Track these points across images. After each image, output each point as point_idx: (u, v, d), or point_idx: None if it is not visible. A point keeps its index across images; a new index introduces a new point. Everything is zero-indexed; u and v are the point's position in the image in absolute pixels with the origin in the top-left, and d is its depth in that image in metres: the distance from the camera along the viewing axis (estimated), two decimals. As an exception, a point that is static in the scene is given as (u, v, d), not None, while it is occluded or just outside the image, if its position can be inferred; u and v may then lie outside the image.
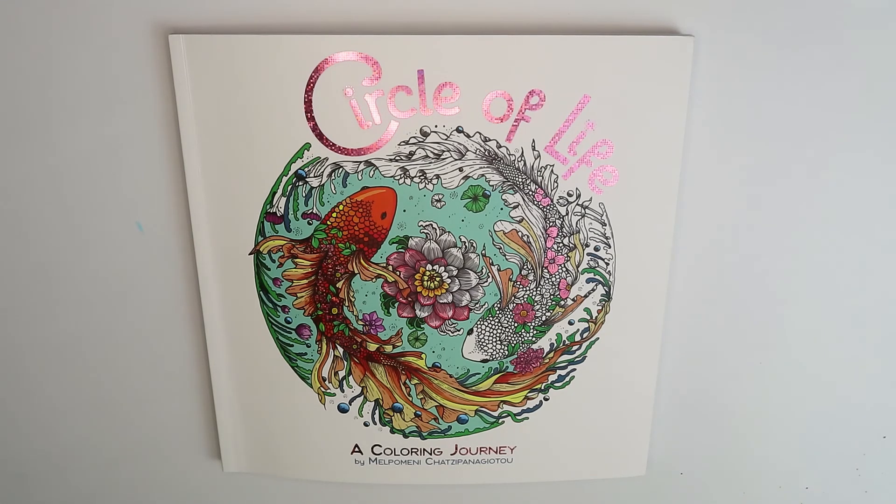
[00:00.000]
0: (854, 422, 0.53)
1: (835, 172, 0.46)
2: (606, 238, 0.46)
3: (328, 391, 0.50)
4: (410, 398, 0.50)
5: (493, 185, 0.45)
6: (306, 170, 0.44)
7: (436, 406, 0.50)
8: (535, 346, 0.49)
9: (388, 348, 0.49)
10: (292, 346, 0.49)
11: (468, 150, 0.44)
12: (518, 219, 0.45)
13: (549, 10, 0.42)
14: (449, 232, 0.46)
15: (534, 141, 0.44)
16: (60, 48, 0.43)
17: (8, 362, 0.52)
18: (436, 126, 0.43)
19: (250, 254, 0.46)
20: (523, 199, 0.45)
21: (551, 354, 0.49)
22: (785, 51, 0.43)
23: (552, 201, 0.45)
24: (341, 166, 0.44)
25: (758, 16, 0.42)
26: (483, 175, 0.44)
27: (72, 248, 0.48)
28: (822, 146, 0.45)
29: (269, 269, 0.47)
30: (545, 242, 0.46)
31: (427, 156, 0.44)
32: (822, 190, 0.46)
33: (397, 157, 0.44)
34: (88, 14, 0.42)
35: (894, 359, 0.51)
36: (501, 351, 0.49)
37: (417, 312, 0.48)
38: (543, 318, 0.48)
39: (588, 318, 0.48)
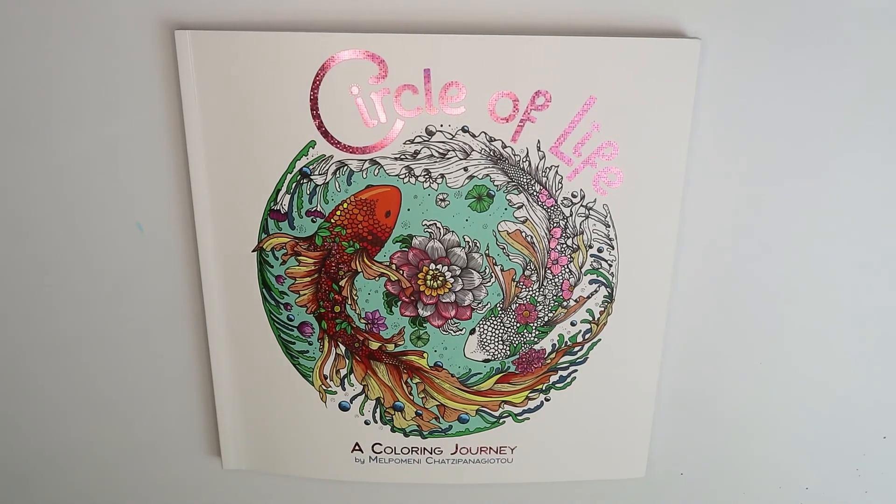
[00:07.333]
0: (854, 422, 0.53)
1: (838, 174, 0.46)
2: (610, 240, 0.46)
3: (329, 389, 0.50)
4: (412, 397, 0.50)
5: (497, 185, 0.45)
6: (311, 167, 0.44)
7: (437, 405, 0.50)
8: (536, 347, 0.49)
9: (390, 347, 0.49)
10: (294, 343, 0.49)
11: (473, 150, 0.44)
12: (522, 219, 0.45)
13: (556, 11, 0.42)
14: (453, 231, 0.46)
15: (539, 141, 0.44)
16: (65, 44, 0.43)
17: (8, 362, 0.52)
18: (441, 125, 0.43)
19: (253, 251, 0.46)
20: (527, 200, 0.45)
21: (553, 355, 0.49)
22: (790, 53, 0.43)
23: (556, 202, 0.45)
24: (346, 164, 0.44)
25: (763, 18, 0.42)
26: (488, 175, 0.44)
27: (73, 247, 0.48)
28: (826, 148, 0.45)
29: (271, 267, 0.47)
30: (549, 243, 0.46)
31: (432, 155, 0.44)
32: (826, 192, 0.46)
33: (402, 156, 0.44)
34: (94, 10, 0.42)
35: (894, 359, 0.51)
36: (503, 351, 0.49)
37: (420, 311, 0.48)
38: (546, 319, 0.48)
39: (590, 319, 0.48)
